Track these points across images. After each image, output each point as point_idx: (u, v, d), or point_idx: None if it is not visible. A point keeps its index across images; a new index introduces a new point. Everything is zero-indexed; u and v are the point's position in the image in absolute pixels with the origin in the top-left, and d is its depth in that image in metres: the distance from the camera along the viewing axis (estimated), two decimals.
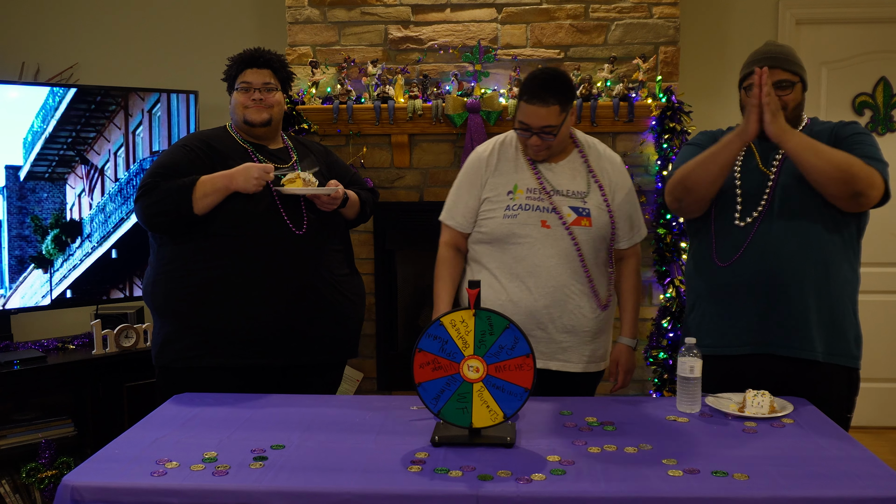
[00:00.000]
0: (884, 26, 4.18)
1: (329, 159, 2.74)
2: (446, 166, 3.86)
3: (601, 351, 2.53)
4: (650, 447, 1.85)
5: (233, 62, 2.60)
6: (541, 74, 2.37)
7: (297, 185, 2.45)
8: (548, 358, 2.43)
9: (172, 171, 2.44)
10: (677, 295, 3.69)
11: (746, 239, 2.27)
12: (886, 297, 4.12)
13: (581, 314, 2.44)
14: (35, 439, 3.09)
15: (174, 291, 2.45)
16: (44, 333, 3.68)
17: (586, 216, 2.42)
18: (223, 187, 2.40)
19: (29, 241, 3.31)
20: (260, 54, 2.58)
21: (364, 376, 3.92)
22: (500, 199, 2.45)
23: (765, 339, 2.26)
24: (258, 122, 2.55)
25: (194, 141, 2.56)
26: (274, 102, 2.57)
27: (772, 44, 2.35)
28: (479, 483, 1.65)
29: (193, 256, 2.44)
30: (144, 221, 2.46)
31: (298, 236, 2.48)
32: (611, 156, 2.55)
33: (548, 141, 2.38)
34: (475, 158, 2.54)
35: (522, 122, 2.37)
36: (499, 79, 3.81)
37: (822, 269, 2.23)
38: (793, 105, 2.28)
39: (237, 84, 2.56)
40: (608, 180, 2.49)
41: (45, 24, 4.25)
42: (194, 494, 1.63)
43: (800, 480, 1.65)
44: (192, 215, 2.39)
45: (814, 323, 2.23)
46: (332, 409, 2.17)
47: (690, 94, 3.89)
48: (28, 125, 3.29)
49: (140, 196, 2.45)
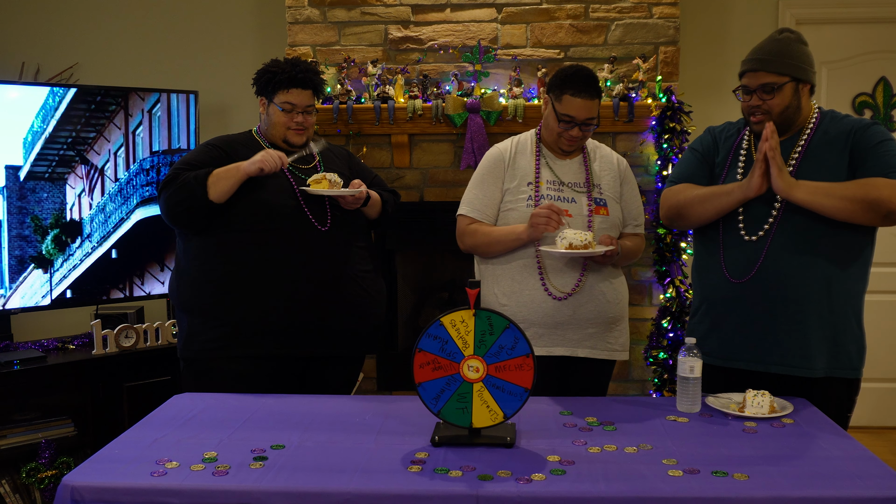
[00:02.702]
0: (884, 26, 4.18)
1: (351, 162, 2.81)
2: (446, 166, 3.86)
3: (623, 338, 2.57)
4: (650, 447, 1.85)
5: (275, 75, 2.57)
6: (582, 70, 2.46)
7: (323, 186, 2.51)
8: (575, 345, 2.48)
9: (194, 167, 2.50)
10: (677, 295, 3.69)
11: (758, 257, 2.23)
12: (887, 297, 4.13)
13: (605, 300, 2.49)
14: (35, 439, 3.10)
15: (200, 285, 2.50)
16: (44, 333, 3.68)
17: (603, 206, 2.52)
18: (235, 170, 2.44)
19: (29, 241, 3.31)
20: (307, 75, 2.58)
21: (364, 376, 3.91)
22: (522, 190, 2.50)
23: (764, 356, 2.25)
24: (299, 145, 2.63)
25: (219, 142, 2.63)
26: (311, 125, 2.64)
27: (766, 41, 2.29)
28: (479, 483, 1.65)
29: (218, 250, 2.49)
30: (166, 213, 2.52)
31: (322, 232, 2.53)
32: (612, 153, 2.64)
33: (587, 133, 2.49)
34: (494, 153, 2.60)
35: (567, 115, 2.44)
36: (499, 79, 3.81)
37: (825, 287, 2.20)
38: (779, 108, 2.23)
39: (279, 101, 2.56)
40: (615, 174, 2.58)
41: (45, 24, 4.25)
42: (194, 494, 1.63)
43: (800, 480, 1.65)
44: (208, 202, 2.43)
45: (814, 342, 2.21)
46: (332, 409, 2.17)
47: (690, 94, 3.89)
48: (28, 125, 3.29)
49: (161, 189, 2.52)
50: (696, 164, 2.42)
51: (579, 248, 2.29)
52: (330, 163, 2.71)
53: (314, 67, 2.64)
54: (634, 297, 3.86)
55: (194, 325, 2.52)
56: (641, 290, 3.85)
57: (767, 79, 2.22)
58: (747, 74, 2.27)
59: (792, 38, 2.26)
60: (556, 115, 2.46)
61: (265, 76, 2.59)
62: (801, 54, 2.25)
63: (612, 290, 2.52)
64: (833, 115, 2.31)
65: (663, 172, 3.69)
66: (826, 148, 2.24)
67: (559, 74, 2.47)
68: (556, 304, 2.45)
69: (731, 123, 2.45)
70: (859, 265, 2.25)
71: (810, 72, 2.26)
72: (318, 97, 2.66)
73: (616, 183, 2.57)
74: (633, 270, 3.84)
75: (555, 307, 2.45)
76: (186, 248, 2.55)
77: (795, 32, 2.29)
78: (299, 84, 2.56)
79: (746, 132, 2.37)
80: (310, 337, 2.51)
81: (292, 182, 2.55)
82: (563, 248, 2.31)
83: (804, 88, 2.26)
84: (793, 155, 2.26)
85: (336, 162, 2.74)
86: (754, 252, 2.24)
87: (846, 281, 2.22)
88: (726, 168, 2.36)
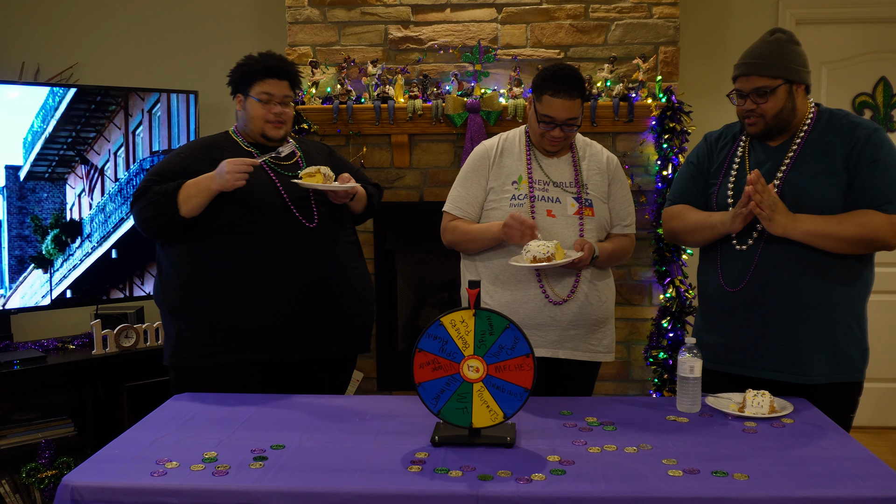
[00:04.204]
0: (884, 26, 4.17)
1: (332, 157, 2.74)
2: (446, 166, 3.86)
3: (607, 340, 2.56)
4: (650, 447, 1.85)
5: (250, 66, 2.52)
6: (562, 70, 2.42)
7: (317, 180, 2.45)
8: (556, 347, 2.46)
9: (166, 178, 2.42)
10: (677, 295, 3.69)
11: (749, 266, 2.23)
12: (887, 297, 4.12)
13: (587, 302, 2.47)
14: (35, 439, 3.10)
15: (186, 289, 2.45)
16: (44, 333, 3.68)
17: (589, 206, 2.49)
18: (205, 188, 2.37)
19: (29, 241, 3.31)
20: (283, 65, 2.53)
21: (364, 376, 3.92)
22: (506, 189, 2.49)
23: (758, 363, 2.25)
24: (277, 139, 2.55)
25: (192, 148, 2.56)
26: (289, 118, 2.57)
27: (757, 43, 2.26)
28: (479, 483, 1.65)
29: (201, 254, 2.44)
30: (140, 228, 2.47)
31: (310, 229, 2.48)
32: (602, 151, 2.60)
33: (569, 133, 2.45)
34: (480, 150, 2.58)
35: (547, 116, 2.41)
36: (499, 79, 3.81)
37: (819, 294, 2.19)
38: (773, 112, 2.21)
39: (255, 93, 2.50)
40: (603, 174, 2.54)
41: (45, 24, 4.25)
42: (194, 494, 1.63)
43: (800, 480, 1.65)
44: (181, 218, 2.36)
45: (810, 349, 2.20)
46: (333, 409, 2.17)
47: (690, 94, 3.89)
48: (28, 125, 3.29)
49: (133, 203, 2.46)
50: (690, 180, 2.43)
51: (542, 260, 2.28)
52: (311, 158, 2.64)
53: (289, 59, 2.59)
54: (634, 297, 3.86)
55: (182, 332, 2.45)
56: (641, 290, 3.85)
57: (760, 82, 2.20)
58: (740, 79, 2.25)
59: (783, 38, 2.24)
60: (536, 115, 2.44)
61: (239, 70, 2.52)
62: (794, 55, 2.22)
63: (594, 292, 2.49)
64: (832, 115, 2.27)
65: (663, 172, 3.69)
66: (820, 155, 2.21)
67: (540, 74, 2.44)
68: (538, 306, 2.44)
69: (729, 127, 2.43)
70: (856, 269, 2.23)
71: (803, 72, 2.24)
72: (295, 90, 2.58)
73: (604, 182, 2.54)
74: (632, 270, 3.84)
75: (536, 308, 2.44)
76: (168, 252, 2.49)
77: (787, 33, 2.26)
78: (275, 74, 2.50)
79: (742, 139, 2.35)
80: (304, 339, 2.47)
81: (276, 181, 2.48)
82: (528, 261, 2.30)
83: (798, 89, 2.24)
84: (784, 160, 2.24)
85: (317, 157, 2.66)
86: (746, 261, 2.24)
87: (841, 286, 2.20)
88: (720, 178, 2.34)
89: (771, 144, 2.30)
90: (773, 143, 2.29)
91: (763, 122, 2.23)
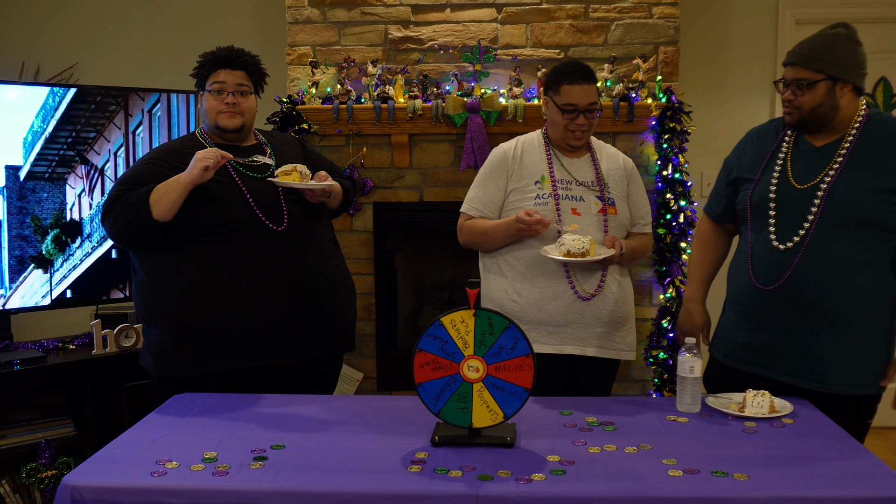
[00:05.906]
0: (884, 26, 4.17)
1: (304, 151, 2.70)
2: (446, 166, 3.86)
3: (629, 338, 2.58)
4: (650, 447, 1.85)
5: (204, 60, 2.51)
6: (572, 61, 2.52)
7: (293, 178, 2.40)
8: (584, 344, 2.48)
9: (136, 186, 2.38)
10: (677, 295, 3.69)
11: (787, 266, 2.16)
12: None
13: (614, 299, 2.49)
14: (35, 439, 3.09)
15: (162, 298, 2.41)
16: (44, 333, 3.68)
17: (612, 205, 2.53)
18: (174, 182, 2.32)
19: (29, 241, 3.31)
20: (235, 54, 2.50)
21: (364, 376, 3.91)
22: (529, 189, 2.51)
23: (782, 367, 2.23)
24: (231, 128, 2.49)
25: (158, 154, 2.51)
26: (246, 109, 2.51)
27: (814, 35, 2.20)
28: (479, 483, 1.65)
29: (175, 264, 2.40)
30: (114, 239, 2.42)
31: (279, 233, 2.43)
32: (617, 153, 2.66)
33: (591, 120, 2.50)
34: (498, 153, 2.61)
35: (569, 104, 2.46)
36: (499, 79, 3.81)
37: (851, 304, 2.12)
38: (809, 106, 2.15)
39: (209, 85, 2.49)
40: (621, 174, 2.60)
41: (45, 24, 4.25)
42: (194, 494, 1.63)
43: (800, 480, 1.65)
44: (154, 222, 2.31)
45: (833, 359, 2.16)
46: (332, 409, 2.17)
47: (690, 94, 3.89)
48: (28, 125, 3.29)
49: (104, 213, 2.40)
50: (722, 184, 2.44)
51: (576, 255, 2.29)
52: (282, 153, 2.59)
53: (248, 52, 2.55)
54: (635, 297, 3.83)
55: (164, 342, 2.42)
56: (641, 290, 3.85)
57: (802, 74, 2.16)
58: (787, 67, 2.21)
59: (842, 34, 2.17)
60: (558, 108, 2.48)
61: (197, 66, 2.52)
62: (846, 52, 2.14)
63: (620, 289, 2.52)
64: (882, 119, 2.20)
65: (663, 172, 3.69)
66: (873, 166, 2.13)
67: (552, 71, 2.53)
68: (567, 302, 2.44)
69: (773, 121, 2.39)
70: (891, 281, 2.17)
71: (854, 71, 2.15)
72: (256, 82, 2.54)
73: (623, 182, 2.59)
74: (633, 270, 3.82)
75: (565, 305, 2.44)
76: (143, 262, 2.45)
77: (850, 28, 2.18)
78: (226, 64, 2.48)
79: (788, 134, 2.28)
80: (289, 345, 2.44)
81: (241, 186, 2.43)
82: (562, 254, 2.31)
83: (844, 88, 2.15)
84: (833, 166, 2.16)
85: (288, 152, 2.61)
86: (785, 261, 2.17)
87: (874, 291, 2.14)
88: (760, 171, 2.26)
89: (815, 144, 2.22)
90: (818, 142, 2.22)
91: (799, 114, 2.19)
